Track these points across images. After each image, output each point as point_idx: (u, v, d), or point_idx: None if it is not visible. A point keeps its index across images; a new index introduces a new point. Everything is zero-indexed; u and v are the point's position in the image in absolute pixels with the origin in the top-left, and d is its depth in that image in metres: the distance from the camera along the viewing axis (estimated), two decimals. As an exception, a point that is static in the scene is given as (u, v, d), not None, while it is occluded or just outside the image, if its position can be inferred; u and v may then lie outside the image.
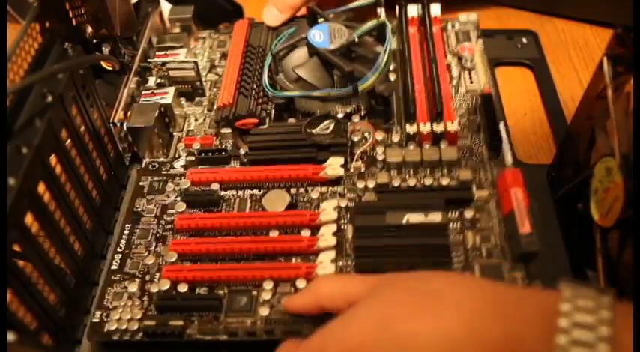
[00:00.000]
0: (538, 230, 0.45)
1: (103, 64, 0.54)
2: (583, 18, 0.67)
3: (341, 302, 0.39)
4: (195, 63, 0.57)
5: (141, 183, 0.54)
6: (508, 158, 0.52)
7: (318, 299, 0.40)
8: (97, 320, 0.45)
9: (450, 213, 0.48)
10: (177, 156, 0.55)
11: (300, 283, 0.44)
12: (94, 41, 0.54)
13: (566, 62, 0.64)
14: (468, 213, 0.48)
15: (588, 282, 0.35)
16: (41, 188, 0.42)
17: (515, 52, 0.65)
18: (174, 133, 0.57)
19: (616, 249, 0.42)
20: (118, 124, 0.53)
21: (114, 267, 0.48)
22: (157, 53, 0.58)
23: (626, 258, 0.40)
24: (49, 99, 0.44)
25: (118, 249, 0.49)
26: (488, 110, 0.54)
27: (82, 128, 0.48)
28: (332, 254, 0.45)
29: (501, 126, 0.53)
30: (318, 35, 0.54)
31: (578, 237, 0.47)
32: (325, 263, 0.44)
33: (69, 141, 0.46)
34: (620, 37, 0.42)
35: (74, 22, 0.51)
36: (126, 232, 0.50)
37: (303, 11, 0.61)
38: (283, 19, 0.61)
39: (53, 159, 0.44)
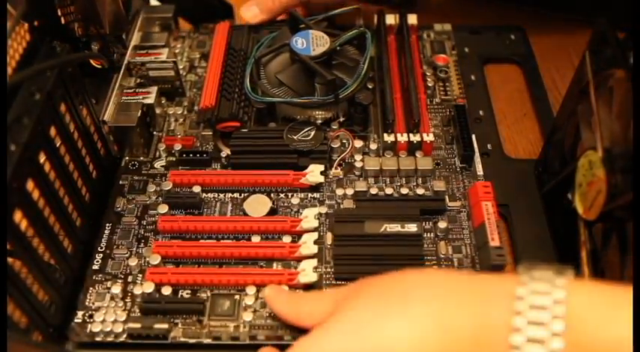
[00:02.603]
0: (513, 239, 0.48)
1: (92, 62, 0.54)
2: (583, 17, 0.67)
3: (319, 320, 0.40)
4: (175, 63, 0.58)
5: (120, 182, 0.54)
6: (479, 170, 0.54)
7: (298, 317, 0.42)
8: (79, 320, 0.46)
9: (424, 223, 0.50)
10: (157, 156, 0.56)
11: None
12: (83, 39, 0.54)
13: (567, 62, 0.65)
14: (442, 224, 0.50)
15: (548, 264, 0.36)
16: (30, 185, 0.42)
17: (504, 49, 0.67)
18: (154, 133, 0.57)
19: (600, 242, 0.44)
20: (108, 122, 0.53)
21: (95, 267, 0.49)
22: (137, 52, 0.58)
23: (610, 251, 0.42)
24: (37, 96, 0.44)
25: (99, 249, 0.50)
26: (461, 121, 0.56)
27: (72, 126, 0.48)
28: (314, 261, 0.47)
29: (473, 137, 0.56)
30: (301, 42, 0.55)
31: (564, 231, 0.49)
32: (307, 270, 0.46)
33: (58, 138, 0.46)
34: (602, 33, 0.44)
35: (63, 21, 0.51)
36: (106, 232, 0.51)
37: (284, 15, 0.62)
38: (261, 19, 0.62)
39: (42, 156, 0.44)
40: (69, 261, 0.47)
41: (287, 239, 0.49)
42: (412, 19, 0.63)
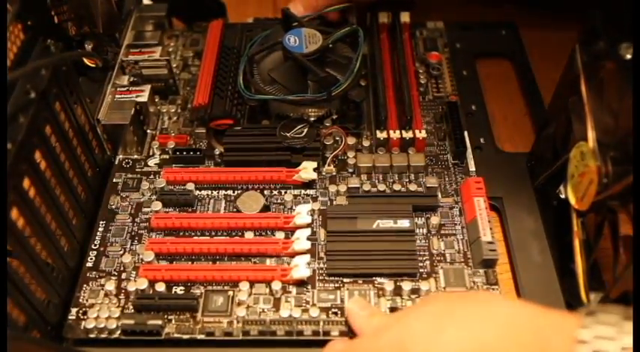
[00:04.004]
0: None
1: (85, 61, 0.54)
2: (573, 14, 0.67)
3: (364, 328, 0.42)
4: (168, 61, 0.58)
5: (115, 180, 0.54)
6: (471, 166, 0.55)
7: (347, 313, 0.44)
8: (73, 317, 0.46)
9: (416, 218, 0.51)
10: (151, 153, 0.56)
11: (276, 285, 0.46)
12: (77, 38, 0.54)
13: (557, 55, 0.62)
14: (434, 220, 0.50)
15: (610, 306, 0.34)
16: (26, 184, 0.43)
17: (495, 44, 0.67)
18: (148, 131, 0.57)
19: (593, 232, 0.44)
20: (102, 121, 0.53)
21: (89, 265, 0.49)
22: (130, 51, 0.58)
23: (603, 240, 0.43)
24: (32, 95, 0.44)
25: (93, 246, 0.50)
26: (454, 118, 0.57)
27: (66, 124, 0.48)
28: (307, 257, 0.47)
29: (466, 134, 0.56)
30: (294, 40, 0.55)
31: (557, 222, 0.49)
32: (300, 266, 0.46)
33: (53, 137, 0.46)
34: (592, 25, 0.44)
35: (56, 20, 0.51)
36: (100, 229, 0.51)
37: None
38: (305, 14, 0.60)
39: (37, 155, 0.44)
40: (66, 259, 0.47)
41: (280, 235, 0.49)
42: (405, 16, 0.64)
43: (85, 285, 0.48)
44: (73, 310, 0.46)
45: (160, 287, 0.46)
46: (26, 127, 0.42)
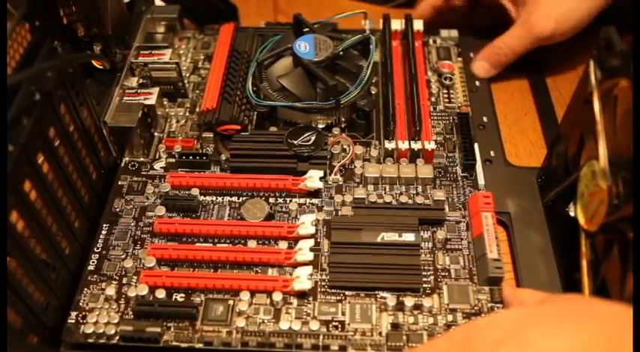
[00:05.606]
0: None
1: (94, 62, 0.54)
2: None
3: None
4: (177, 64, 0.57)
5: (120, 183, 0.54)
6: (481, 179, 0.54)
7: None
8: (72, 321, 0.46)
9: (422, 232, 0.50)
10: (157, 157, 0.56)
11: (277, 296, 0.45)
12: (86, 40, 0.53)
13: (570, 64, 0.64)
14: (440, 234, 0.49)
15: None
16: (27, 186, 0.42)
17: None
18: (155, 134, 0.57)
19: (601, 253, 0.43)
20: (108, 123, 0.53)
21: (91, 268, 0.49)
22: (141, 52, 0.58)
23: (611, 262, 0.41)
24: (37, 97, 0.44)
25: (95, 249, 0.50)
26: (464, 130, 0.56)
27: (71, 126, 0.48)
28: (309, 269, 0.47)
29: (476, 146, 0.55)
30: (304, 46, 0.55)
31: (566, 241, 0.48)
32: (302, 277, 0.46)
33: (57, 139, 0.46)
34: (607, 40, 0.43)
35: (65, 21, 0.51)
36: (103, 232, 0.51)
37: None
38: (493, 73, 0.63)
39: (40, 157, 0.44)
40: (66, 262, 0.47)
41: (283, 245, 0.48)
42: (418, 24, 0.63)
43: (85, 289, 0.47)
44: (73, 313, 0.46)
45: (161, 293, 0.46)
46: (29, 130, 0.42)
